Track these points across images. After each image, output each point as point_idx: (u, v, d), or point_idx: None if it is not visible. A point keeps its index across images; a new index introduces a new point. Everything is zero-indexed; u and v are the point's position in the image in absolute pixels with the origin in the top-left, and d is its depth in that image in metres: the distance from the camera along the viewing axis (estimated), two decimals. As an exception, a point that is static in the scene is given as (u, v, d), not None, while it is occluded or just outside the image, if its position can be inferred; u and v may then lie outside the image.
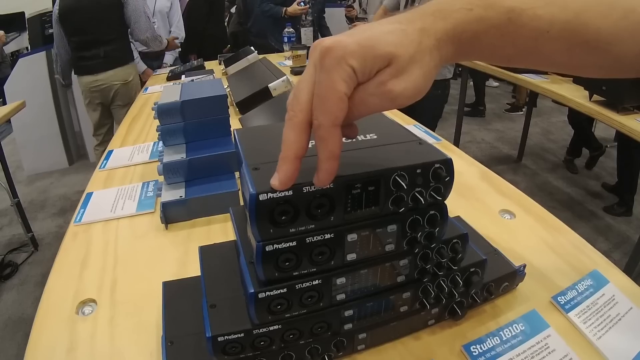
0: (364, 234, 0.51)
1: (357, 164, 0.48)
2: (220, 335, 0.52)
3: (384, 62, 0.40)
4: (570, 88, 2.43)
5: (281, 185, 0.42)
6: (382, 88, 0.41)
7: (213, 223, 0.99)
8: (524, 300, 0.73)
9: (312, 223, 0.47)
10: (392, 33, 0.41)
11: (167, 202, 0.96)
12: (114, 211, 1.06)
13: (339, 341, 0.60)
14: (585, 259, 0.83)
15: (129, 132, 1.68)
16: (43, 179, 4.18)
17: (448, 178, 0.50)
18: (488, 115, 5.51)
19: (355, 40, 0.40)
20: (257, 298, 0.49)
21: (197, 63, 2.61)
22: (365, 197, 0.48)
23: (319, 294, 0.53)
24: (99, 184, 1.24)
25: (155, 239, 0.95)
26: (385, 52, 0.40)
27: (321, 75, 0.40)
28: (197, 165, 1.04)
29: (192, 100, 1.10)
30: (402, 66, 0.41)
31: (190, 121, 1.11)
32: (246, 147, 0.54)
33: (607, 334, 0.66)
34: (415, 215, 0.52)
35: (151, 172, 1.25)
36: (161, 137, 1.11)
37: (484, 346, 0.64)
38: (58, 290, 0.81)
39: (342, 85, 0.39)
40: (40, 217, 3.49)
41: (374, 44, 0.40)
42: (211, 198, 0.98)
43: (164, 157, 1.05)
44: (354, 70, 0.40)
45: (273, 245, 0.47)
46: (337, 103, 0.40)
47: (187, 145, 1.11)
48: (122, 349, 0.67)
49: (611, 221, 3.09)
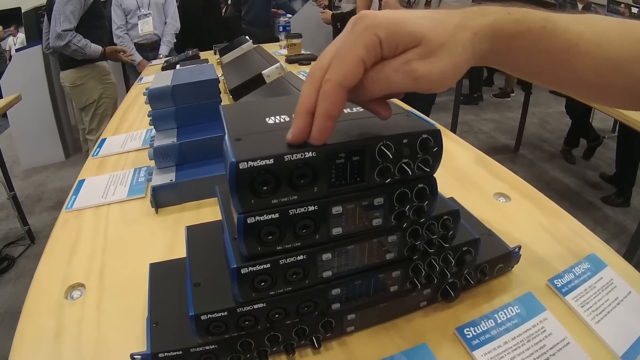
0: (349, 207, 0.49)
1: (342, 134, 0.46)
2: (203, 314, 0.50)
3: (413, 42, 0.41)
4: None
5: (294, 139, 0.43)
6: (407, 66, 0.41)
7: (203, 207, 0.98)
8: (520, 283, 0.71)
9: (295, 194, 0.46)
10: (428, 19, 0.42)
11: (157, 186, 0.95)
12: (105, 197, 1.05)
13: (327, 322, 0.58)
14: (583, 242, 0.81)
15: (122, 121, 1.67)
16: (40, 173, 4.18)
17: (436, 149, 0.49)
18: (484, 103, 5.52)
19: (389, 15, 0.41)
20: (240, 274, 0.48)
21: (192, 53, 2.59)
22: (350, 168, 0.47)
23: (304, 271, 0.51)
24: (91, 171, 1.23)
25: (145, 223, 0.94)
26: (416, 31, 0.41)
27: (347, 38, 0.41)
28: (188, 149, 1.03)
29: (183, 85, 1.09)
30: (431, 49, 0.41)
31: (181, 106, 1.10)
32: (230, 121, 0.53)
33: (606, 318, 0.64)
34: (403, 188, 0.50)
35: (143, 159, 1.23)
36: (152, 122, 1.11)
37: (478, 329, 0.62)
38: (48, 276, 0.80)
39: (362, 50, 0.40)
40: (36, 210, 3.48)
41: (406, 22, 0.41)
42: (201, 181, 0.97)
43: (154, 142, 1.04)
44: (380, 41, 0.40)
45: (255, 217, 0.45)
46: (351, 65, 0.40)
47: (179, 130, 1.11)
48: (108, 333, 0.66)
49: (609, 211, 3.08)
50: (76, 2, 2.95)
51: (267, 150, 0.44)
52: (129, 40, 3.66)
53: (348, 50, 0.41)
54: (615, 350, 0.59)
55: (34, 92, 3.96)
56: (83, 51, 3.09)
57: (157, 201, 0.96)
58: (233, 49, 2.08)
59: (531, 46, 0.46)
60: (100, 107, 3.41)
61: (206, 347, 0.54)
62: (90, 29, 3.13)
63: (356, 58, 0.40)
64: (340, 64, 0.41)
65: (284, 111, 0.53)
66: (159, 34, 3.78)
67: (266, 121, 0.51)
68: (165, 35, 3.80)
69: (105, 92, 3.40)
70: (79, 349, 0.63)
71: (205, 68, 1.25)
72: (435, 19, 0.42)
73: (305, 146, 0.44)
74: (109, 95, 3.44)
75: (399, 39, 0.41)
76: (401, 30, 0.40)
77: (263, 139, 0.47)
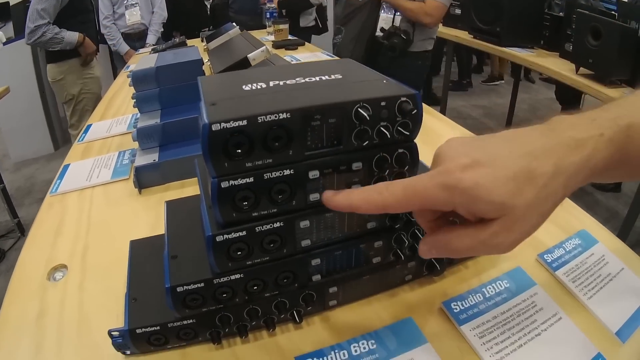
0: (326, 171, 0.48)
1: (318, 96, 0.46)
2: (179, 286, 0.49)
3: (496, 213, 0.39)
4: (557, 61, 2.41)
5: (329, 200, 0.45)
6: (494, 240, 0.40)
7: (187, 186, 0.97)
8: (508, 258, 0.70)
9: (270, 157, 0.45)
10: (513, 177, 0.38)
11: (140, 166, 0.94)
12: (90, 180, 1.04)
13: (308, 295, 0.57)
14: (573, 219, 0.81)
15: (108, 107, 1.65)
16: (29, 166, 4.14)
17: (415, 111, 0.48)
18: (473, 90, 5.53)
19: (473, 175, 0.38)
20: (215, 242, 0.47)
21: (179, 40, 2.57)
22: (327, 130, 0.46)
23: (282, 239, 0.50)
24: (76, 156, 1.22)
25: (128, 204, 0.93)
26: (498, 201, 0.38)
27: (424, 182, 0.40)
28: (171, 129, 1.01)
29: (166, 66, 1.08)
30: (518, 218, 0.39)
31: (165, 87, 1.09)
32: (206, 89, 0.52)
33: (599, 294, 0.63)
34: (383, 153, 0.49)
35: (129, 142, 1.22)
36: (136, 104, 1.10)
37: (466, 303, 0.61)
38: (31, 259, 0.79)
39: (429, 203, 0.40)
40: (26, 202, 3.45)
41: (489, 186, 0.38)
42: (184, 161, 0.95)
43: (138, 123, 1.03)
44: (454, 206, 0.40)
45: (229, 182, 0.44)
46: (408, 207, 0.42)
47: (163, 111, 1.09)
48: (90, 313, 0.65)
49: (600, 197, 3.09)
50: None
51: (240, 111, 0.43)
52: (116, 30, 3.63)
53: (415, 195, 0.40)
54: (609, 326, 0.58)
55: (23, 85, 3.90)
56: (59, 37, 3.03)
57: (140, 182, 0.95)
58: (219, 35, 2.06)
59: (617, 165, 0.43)
60: (80, 103, 3.36)
61: (184, 322, 0.54)
62: (73, 24, 3.10)
63: (417, 206, 0.41)
64: (402, 198, 0.40)
65: (260, 79, 0.52)
66: (146, 23, 3.74)
67: (242, 88, 0.50)
68: (152, 24, 3.77)
69: (85, 87, 3.33)
70: (60, 330, 0.62)
71: (189, 50, 1.24)
72: (525, 170, 0.39)
73: (279, 107, 0.43)
74: (89, 90, 3.38)
75: (478, 208, 0.39)
76: (482, 199, 0.38)
77: (238, 102, 0.46)
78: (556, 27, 2.53)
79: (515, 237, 0.40)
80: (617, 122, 0.42)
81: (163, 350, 0.57)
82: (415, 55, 2.56)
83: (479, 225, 0.40)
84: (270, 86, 0.51)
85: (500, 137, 0.43)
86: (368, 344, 0.56)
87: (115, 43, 3.67)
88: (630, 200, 2.36)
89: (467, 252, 0.42)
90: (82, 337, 0.61)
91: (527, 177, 0.39)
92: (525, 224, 0.39)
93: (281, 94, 0.49)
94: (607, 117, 0.43)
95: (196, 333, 0.55)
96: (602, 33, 2.01)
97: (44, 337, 0.61)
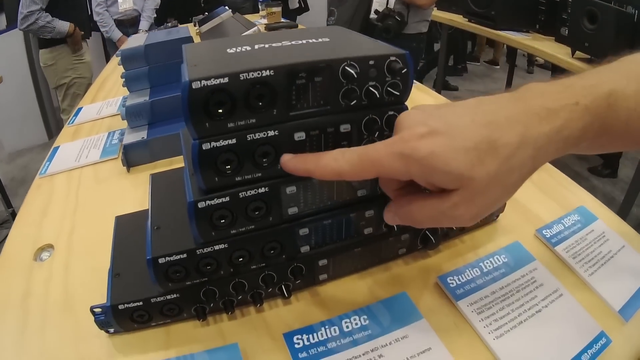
0: (313, 133, 0.45)
1: (304, 54, 0.44)
2: (161, 257, 0.47)
3: (454, 183, 0.37)
4: (553, 45, 2.38)
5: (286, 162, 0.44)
6: (453, 212, 0.38)
7: (175, 164, 0.95)
8: (506, 233, 0.69)
9: (253, 117, 0.42)
10: (474, 147, 0.37)
11: (128, 144, 0.93)
12: (79, 160, 1.02)
13: (296, 268, 0.55)
14: (572, 196, 0.79)
15: (100, 90, 1.63)
16: (24, 155, 4.12)
17: (405, 70, 0.45)
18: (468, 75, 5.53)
19: (430, 144, 0.37)
20: (197, 208, 0.45)
21: (172, 25, 2.55)
22: (313, 90, 0.44)
23: (267, 206, 0.48)
24: (67, 138, 1.20)
25: (116, 182, 0.92)
26: (456, 172, 0.36)
27: (381, 150, 0.39)
28: (160, 107, 1.00)
29: (155, 44, 1.07)
30: (478, 191, 0.37)
31: (155, 65, 1.07)
32: (190, 54, 0.50)
33: (600, 271, 0.61)
34: (372, 114, 0.47)
35: (119, 123, 1.19)
36: (126, 83, 1.08)
37: (462, 278, 0.59)
38: (18, 240, 0.77)
39: (385, 172, 0.39)
40: (21, 192, 3.42)
41: (447, 156, 0.36)
42: (173, 138, 0.93)
43: (127, 102, 1.01)
44: (410, 176, 0.39)
45: (210, 143, 0.42)
46: (364, 174, 0.40)
47: (152, 89, 1.08)
48: (74, 291, 0.63)
49: (597, 182, 3.08)
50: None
51: (222, 69, 0.41)
52: (108, 17, 3.61)
53: (371, 163, 0.39)
54: (612, 304, 0.56)
55: (16, 75, 3.89)
56: (51, 26, 3.09)
57: (129, 160, 0.93)
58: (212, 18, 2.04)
59: (595, 135, 0.41)
60: (72, 88, 3.43)
61: (168, 297, 0.52)
62: (63, 9, 3.13)
63: (373, 175, 0.40)
64: (357, 166, 0.39)
65: (245, 43, 0.50)
66: (138, 9, 3.72)
67: (227, 51, 0.48)
68: (145, 10, 3.76)
69: (75, 73, 3.40)
70: (45, 309, 0.61)
71: (179, 29, 1.23)
72: (486, 140, 0.37)
73: (262, 64, 0.41)
74: (80, 74, 3.44)
75: (436, 179, 0.37)
76: (438, 169, 0.36)
77: (220, 62, 0.44)
78: (552, 11, 2.50)
79: (477, 211, 0.38)
80: (596, 90, 0.40)
81: (147, 328, 0.55)
82: (409, 38, 2.55)
83: (439, 196, 0.39)
84: (255, 49, 0.48)
85: (463, 106, 0.41)
86: (360, 319, 0.54)
87: (107, 30, 3.65)
88: (627, 186, 2.34)
89: (429, 222, 0.41)
90: (65, 317, 0.59)
91: (489, 148, 0.37)
92: (487, 197, 0.38)
93: (266, 54, 0.46)
94: (583, 84, 0.41)
95: (181, 309, 0.53)
96: (598, 17, 1.99)
97: (28, 318, 0.59)
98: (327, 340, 0.52)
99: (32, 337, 0.56)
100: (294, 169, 0.43)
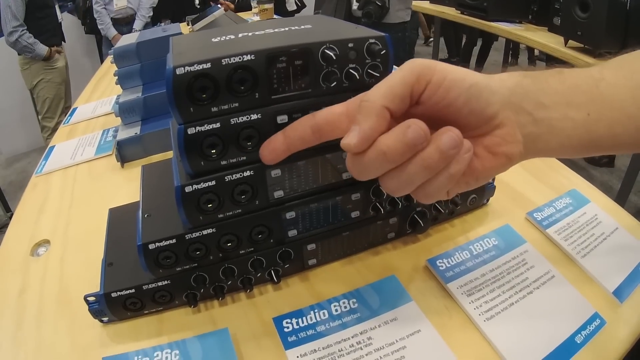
0: (296, 116, 0.46)
1: (284, 38, 0.45)
2: (150, 243, 0.48)
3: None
4: (546, 35, 2.38)
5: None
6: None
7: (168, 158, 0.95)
8: (496, 216, 0.69)
9: (236, 101, 0.43)
10: None
11: (122, 140, 0.94)
12: (74, 158, 1.03)
13: (285, 252, 0.56)
14: (563, 179, 0.79)
15: (95, 90, 1.63)
16: (21, 160, 4.14)
17: (384, 51, 0.46)
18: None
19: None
20: (184, 192, 0.46)
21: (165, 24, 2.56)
22: (293, 73, 0.45)
23: (253, 189, 0.49)
24: (62, 138, 1.21)
25: (111, 178, 0.93)
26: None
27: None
28: (153, 102, 1.00)
29: (147, 41, 1.08)
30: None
31: (147, 62, 1.08)
32: (176, 45, 0.50)
33: (593, 253, 0.61)
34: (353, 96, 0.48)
35: (113, 121, 1.21)
36: (119, 81, 1.09)
37: (452, 260, 0.59)
38: (15, 237, 0.78)
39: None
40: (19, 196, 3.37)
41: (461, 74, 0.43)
42: (165, 132, 0.94)
43: (120, 99, 1.02)
44: None
45: (195, 128, 0.43)
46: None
47: (144, 86, 1.09)
48: (69, 284, 0.64)
49: (594, 172, 3.09)
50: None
51: (204, 55, 0.41)
52: (105, 15, 3.67)
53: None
54: (606, 286, 0.56)
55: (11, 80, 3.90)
56: (32, 48, 3.31)
57: (122, 155, 0.94)
58: (205, 17, 2.05)
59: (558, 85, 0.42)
60: (42, 91, 3.58)
61: (159, 283, 0.52)
62: (32, 20, 3.26)
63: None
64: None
65: (230, 32, 0.51)
66: (134, 8, 3.74)
67: (211, 40, 0.49)
68: (140, 9, 3.78)
69: (46, 77, 3.55)
70: (41, 303, 0.61)
71: (171, 26, 1.23)
72: None
73: (243, 50, 0.42)
74: (50, 79, 3.58)
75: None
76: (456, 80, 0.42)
77: (204, 50, 0.45)
78: (544, 1, 2.50)
79: None
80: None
81: (140, 316, 0.56)
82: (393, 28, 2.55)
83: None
84: (239, 37, 0.49)
85: None
86: (349, 302, 0.55)
87: (104, 27, 3.72)
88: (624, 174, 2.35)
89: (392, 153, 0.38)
90: (61, 309, 0.60)
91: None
92: None
93: (249, 41, 0.47)
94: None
95: (172, 296, 0.54)
96: (590, 5, 1.99)
97: (24, 313, 0.60)
98: (316, 323, 0.52)
99: (28, 330, 0.57)
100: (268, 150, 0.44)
